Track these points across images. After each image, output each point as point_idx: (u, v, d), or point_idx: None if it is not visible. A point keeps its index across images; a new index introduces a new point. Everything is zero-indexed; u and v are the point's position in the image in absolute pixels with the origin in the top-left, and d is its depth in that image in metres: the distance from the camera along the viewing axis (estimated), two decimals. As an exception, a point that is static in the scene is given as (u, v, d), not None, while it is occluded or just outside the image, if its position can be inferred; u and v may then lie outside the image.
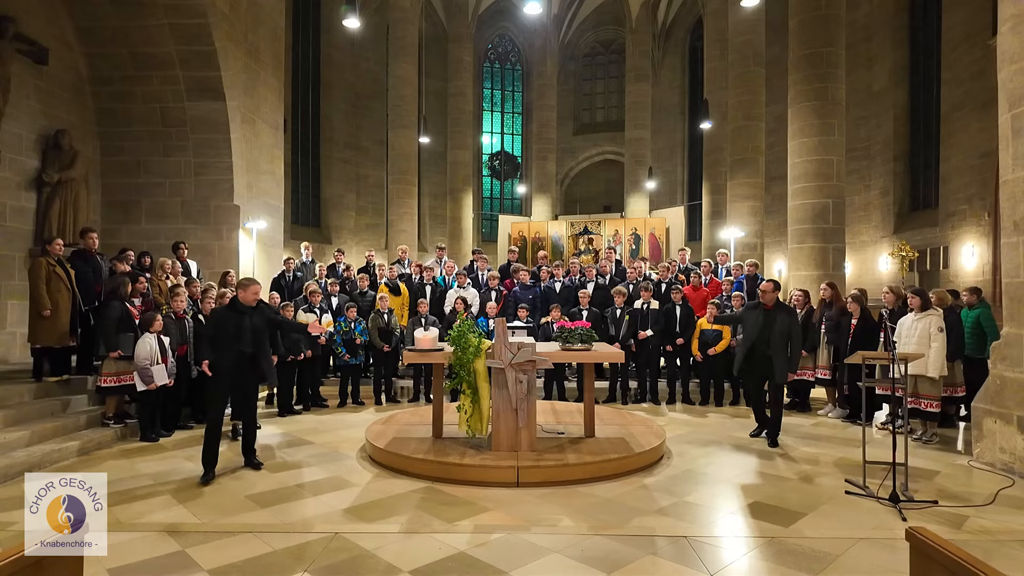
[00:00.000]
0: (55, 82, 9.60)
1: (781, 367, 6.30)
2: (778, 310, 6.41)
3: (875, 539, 3.97)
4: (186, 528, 4.14)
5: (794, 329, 6.42)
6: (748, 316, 6.57)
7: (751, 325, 6.46)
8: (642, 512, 4.46)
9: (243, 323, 5.37)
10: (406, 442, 5.83)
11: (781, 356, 6.30)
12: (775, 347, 6.28)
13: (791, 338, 6.36)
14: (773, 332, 6.30)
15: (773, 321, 6.32)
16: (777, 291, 6.51)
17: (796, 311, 6.65)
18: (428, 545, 3.85)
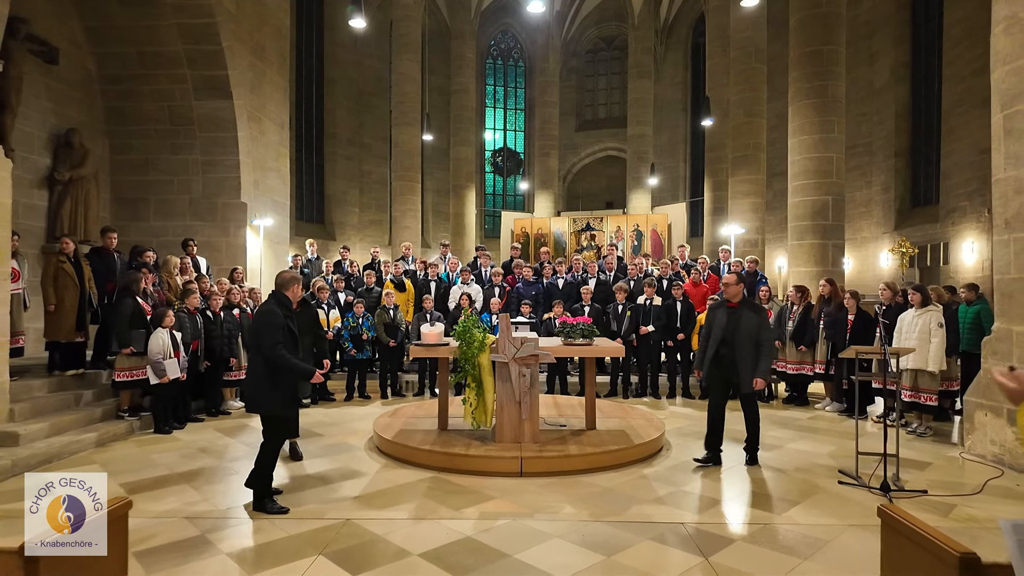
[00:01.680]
0: (65, 81, 9.76)
1: (747, 374, 5.42)
2: (744, 308, 5.57)
3: (864, 526, 4.12)
4: (204, 515, 4.32)
5: (763, 330, 5.52)
6: (713, 315, 5.78)
7: (716, 325, 5.64)
8: (641, 500, 4.63)
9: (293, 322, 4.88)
10: (412, 434, 6.00)
11: (747, 361, 5.42)
12: (740, 350, 5.43)
13: (760, 340, 5.46)
14: (739, 333, 5.46)
15: (738, 320, 5.49)
16: (742, 285, 5.75)
17: (765, 309, 5.80)
18: (436, 530, 4.02)
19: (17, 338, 6.88)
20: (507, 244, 17.69)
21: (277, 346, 4.43)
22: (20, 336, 6.96)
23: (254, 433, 6.86)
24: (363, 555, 3.66)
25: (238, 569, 3.49)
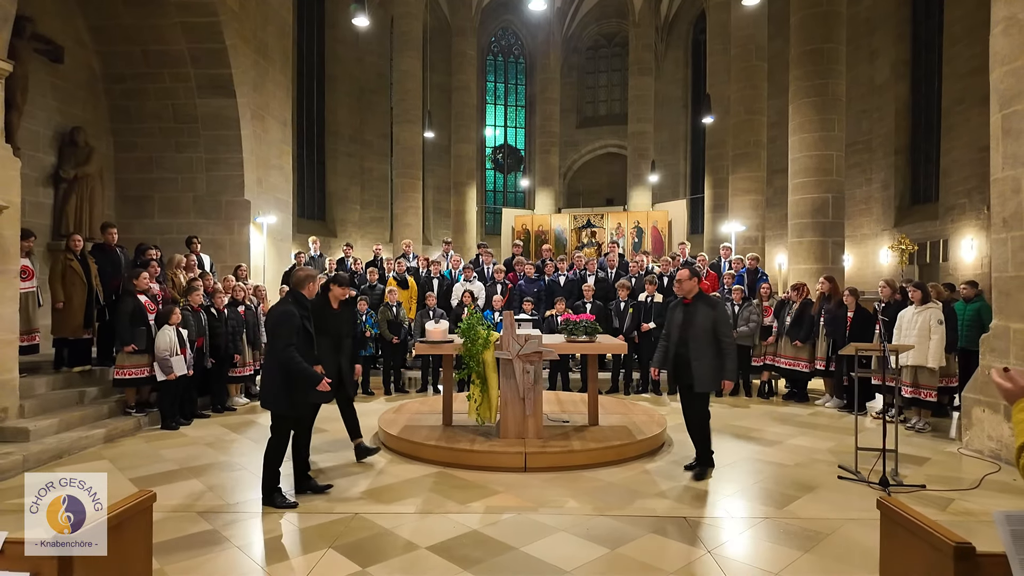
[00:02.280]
0: (70, 80, 9.81)
1: (702, 373, 5.09)
2: (699, 304, 5.25)
3: (863, 519, 4.19)
4: (215, 509, 4.39)
5: (721, 325, 5.18)
6: (671, 314, 5.44)
7: (673, 324, 5.36)
8: (644, 495, 4.70)
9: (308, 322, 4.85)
10: (418, 429, 6.07)
11: (703, 359, 5.11)
12: (695, 349, 5.12)
13: (719, 337, 5.15)
14: (693, 330, 5.17)
15: (693, 317, 5.20)
16: (695, 280, 5.35)
17: (722, 304, 5.48)
18: (443, 524, 4.10)
19: (32, 335, 6.94)
20: (508, 241, 17.76)
21: (289, 348, 4.43)
22: (35, 333, 7.00)
23: (260, 429, 6.94)
24: (372, 548, 3.74)
25: (250, 562, 3.57)
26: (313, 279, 4.83)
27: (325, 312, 5.27)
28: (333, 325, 5.31)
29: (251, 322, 8.39)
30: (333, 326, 5.31)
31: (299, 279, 4.78)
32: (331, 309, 5.35)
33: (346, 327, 5.58)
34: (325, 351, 5.13)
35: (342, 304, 5.45)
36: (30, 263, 6.89)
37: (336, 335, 5.36)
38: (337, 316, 5.38)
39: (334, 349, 5.31)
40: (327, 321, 5.22)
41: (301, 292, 4.73)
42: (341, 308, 5.45)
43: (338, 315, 5.40)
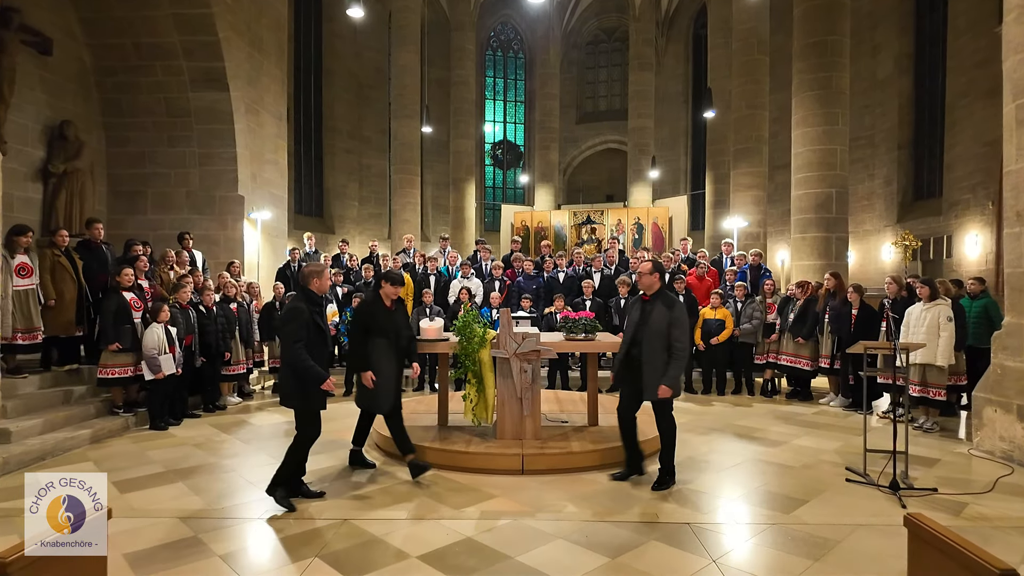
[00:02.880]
0: (60, 73, 9.61)
1: (652, 379, 4.63)
2: (657, 301, 4.76)
3: (874, 525, 4.03)
4: (198, 515, 4.22)
5: (675, 327, 4.65)
6: (629, 311, 5.03)
7: (629, 322, 4.93)
8: (645, 499, 4.53)
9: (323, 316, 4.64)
10: (412, 430, 5.86)
11: (655, 363, 4.64)
12: (648, 351, 4.67)
13: (671, 340, 4.65)
14: (648, 330, 4.70)
15: (649, 316, 4.73)
16: (657, 275, 4.87)
17: (680, 304, 4.86)
18: (436, 531, 3.93)
19: (34, 334, 6.74)
20: (507, 237, 17.58)
21: (296, 344, 4.32)
22: (37, 332, 6.80)
23: (251, 429, 6.79)
24: (361, 557, 3.57)
25: (231, 572, 3.39)
26: (320, 274, 4.62)
27: (377, 312, 5.05)
28: (388, 325, 5.02)
29: (244, 319, 8.22)
30: (388, 326, 5.02)
31: (306, 274, 4.63)
32: (384, 309, 5.08)
33: (404, 327, 5.22)
34: (382, 353, 4.92)
35: (396, 303, 5.19)
36: (28, 259, 6.70)
37: (392, 336, 5.05)
38: (391, 315, 5.09)
39: (392, 351, 5.02)
40: (381, 321, 4.99)
41: (309, 288, 4.56)
42: (395, 307, 5.17)
43: (392, 314, 5.10)
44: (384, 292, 5.09)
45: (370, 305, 5.15)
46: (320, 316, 4.52)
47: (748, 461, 5.54)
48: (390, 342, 4.99)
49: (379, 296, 5.10)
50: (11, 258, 6.47)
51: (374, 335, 4.95)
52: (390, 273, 5.18)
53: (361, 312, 5.18)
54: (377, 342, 4.92)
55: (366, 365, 4.92)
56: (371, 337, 4.96)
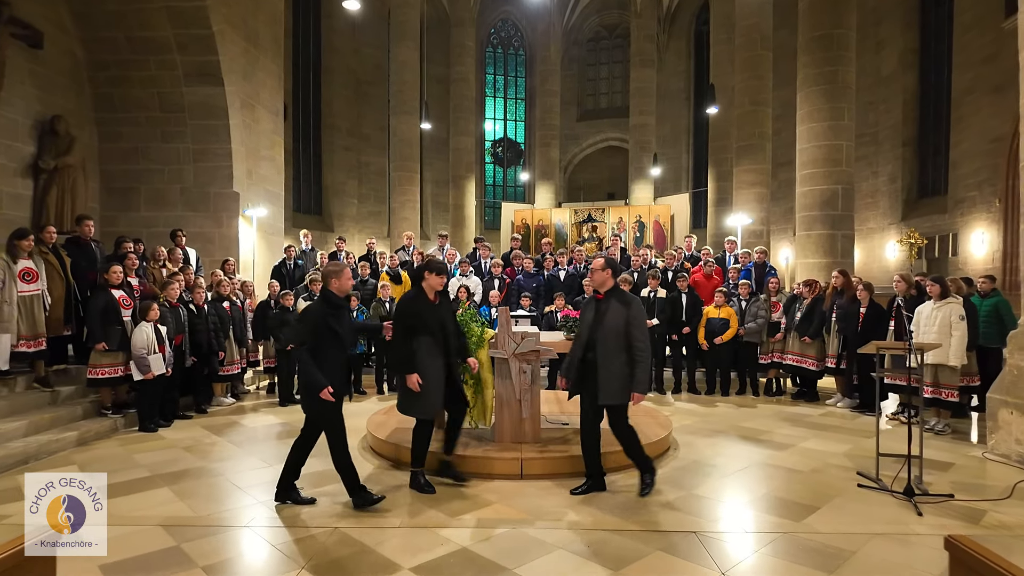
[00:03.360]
0: (51, 67, 9.42)
1: (608, 381, 4.34)
2: (612, 299, 4.48)
3: (890, 535, 3.84)
4: (182, 522, 4.04)
5: (634, 327, 4.37)
6: (582, 312, 4.73)
7: (584, 324, 4.62)
8: (649, 505, 4.35)
9: (342, 319, 4.36)
10: (408, 432, 5.70)
11: (610, 366, 4.34)
12: (603, 352, 4.37)
13: (631, 341, 4.37)
14: (602, 331, 4.41)
15: (604, 315, 4.44)
16: (609, 271, 4.55)
17: (638, 302, 4.55)
18: (430, 540, 3.74)
19: (39, 340, 6.56)
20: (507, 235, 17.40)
21: (302, 348, 4.19)
22: (41, 338, 6.60)
23: (244, 431, 6.61)
24: (351, 568, 3.38)
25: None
26: (338, 274, 4.34)
27: (420, 306, 4.61)
28: (432, 321, 4.56)
29: (237, 318, 8.04)
30: (432, 322, 4.56)
31: (324, 274, 4.44)
32: (427, 302, 4.62)
33: (450, 322, 4.76)
34: (426, 353, 4.52)
35: (441, 295, 4.71)
36: (33, 264, 6.52)
37: (438, 333, 4.58)
38: (436, 310, 4.63)
39: (437, 349, 4.57)
40: (424, 317, 4.55)
41: (329, 289, 4.34)
42: (440, 300, 4.69)
43: (436, 308, 4.64)
44: (427, 284, 4.64)
45: (412, 301, 4.68)
46: (336, 319, 4.24)
47: (755, 465, 5.35)
48: (435, 340, 4.54)
49: (421, 290, 4.67)
50: (14, 263, 6.30)
51: (418, 333, 4.52)
52: (432, 263, 4.70)
53: (402, 309, 4.69)
54: (421, 340, 4.50)
55: (411, 366, 4.50)
56: (415, 335, 4.53)
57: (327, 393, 4.11)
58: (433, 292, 4.66)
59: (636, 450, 4.60)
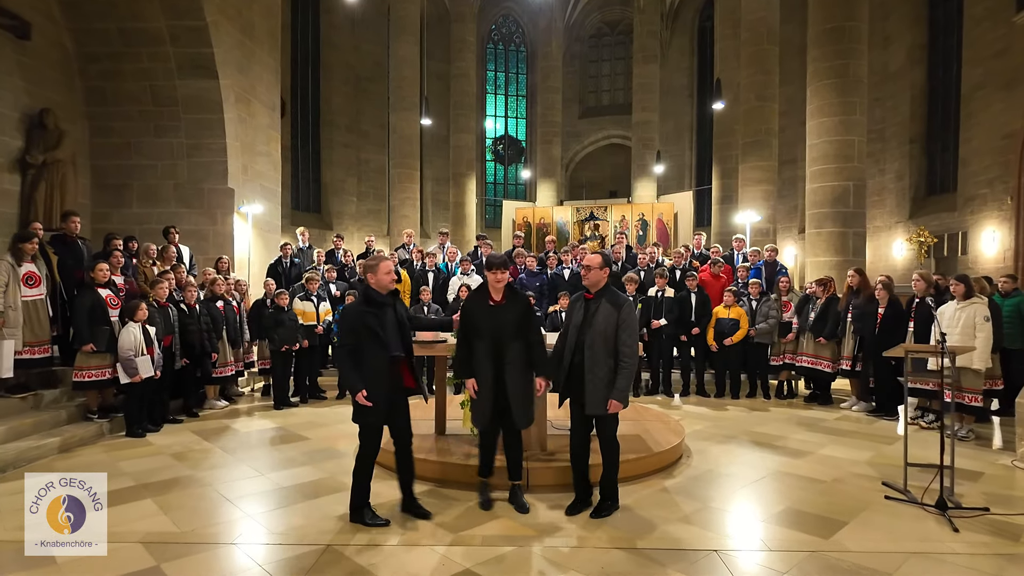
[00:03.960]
0: (40, 59, 9.14)
1: (595, 390, 3.98)
2: (603, 300, 4.06)
3: (928, 554, 3.56)
4: (165, 538, 3.75)
5: (624, 331, 3.99)
6: (570, 311, 4.28)
7: (572, 325, 4.17)
8: (665, 520, 4.06)
9: (385, 318, 4.00)
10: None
11: (598, 372, 3.97)
12: (591, 357, 3.99)
13: (618, 346, 3.99)
14: (591, 334, 4.02)
15: (593, 317, 4.04)
16: (607, 270, 4.21)
17: (630, 304, 4.13)
18: (430, 560, 3.46)
19: (44, 347, 6.31)
20: (509, 234, 17.11)
21: (341, 348, 3.98)
22: (46, 345, 6.33)
23: (236, 437, 6.34)
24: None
25: (193, 613, 2.93)
26: (374, 268, 4.00)
27: (472, 305, 4.24)
28: (483, 323, 4.13)
29: (231, 318, 7.75)
30: (483, 325, 4.13)
31: (363, 269, 4.17)
32: (482, 302, 4.19)
33: (511, 326, 4.12)
34: (481, 359, 4.12)
35: (507, 294, 4.21)
36: (36, 268, 6.26)
37: (494, 338, 4.11)
38: (495, 312, 4.14)
39: (491, 357, 4.10)
40: (473, 318, 4.17)
41: (368, 285, 4.06)
42: (506, 301, 4.19)
43: (496, 311, 4.15)
44: (490, 283, 4.19)
45: (468, 299, 4.35)
46: (377, 318, 3.92)
47: (773, 475, 5.07)
48: (485, 344, 4.11)
49: (483, 289, 4.27)
50: (18, 267, 6.04)
51: (469, 335, 4.17)
52: (488, 258, 4.25)
53: (461, 307, 4.36)
54: (474, 344, 4.15)
55: (468, 371, 4.18)
56: (468, 338, 4.19)
57: (361, 397, 3.87)
58: (497, 291, 4.19)
59: (613, 471, 4.19)
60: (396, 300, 4.13)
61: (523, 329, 4.17)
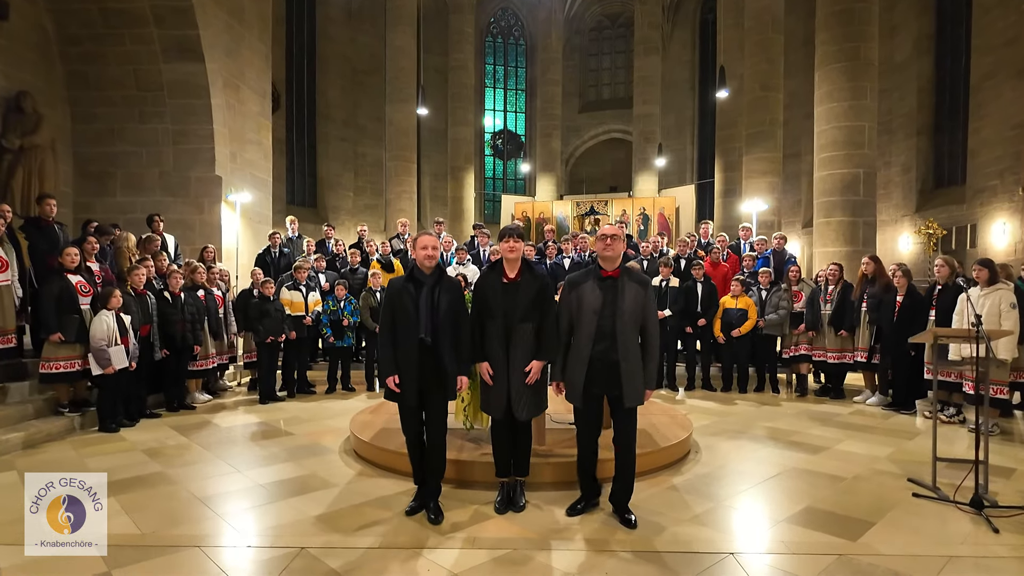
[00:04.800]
0: (17, 40, 8.79)
1: (632, 379, 3.57)
2: (629, 280, 3.66)
3: (968, 558, 3.20)
4: (122, 541, 3.38)
5: (652, 313, 3.69)
6: (578, 294, 3.70)
7: (587, 308, 3.64)
8: (676, 521, 3.70)
9: (420, 298, 3.67)
10: (395, 434, 5.04)
11: (633, 360, 3.59)
12: (625, 344, 3.57)
13: (646, 330, 3.69)
14: (622, 319, 3.59)
15: (622, 298, 3.61)
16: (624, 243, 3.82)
17: (650, 283, 3.85)
18: (413, 565, 3.10)
19: (8, 337, 5.95)
20: (507, 227, 16.72)
21: (381, 328, 3.83)
22: (10, 335, 5.97)
23: (216, 432, 5.97)
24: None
25: (140, 627, 2.57)
26: (414, 243, 3.75)
27: (484, 283, 3.87)
28: (502, 304, 3.74)
29: (213, 309, 7.38)
30: (502, 305, 3.74)
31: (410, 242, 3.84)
32: (495, 280, 3.81)
33: (524, 306, 3.72)
34: (493, 342, 3.76)
35: (524, 271, 3.80)
36: (3, 252, 5.89)
37: (507, 319, 3.73)
38: (508, 291, 3.76)
39: (504, 339, 3.73)
40: (492, 297, 3.78)
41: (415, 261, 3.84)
42: (521, 279, 3.77)
43: (510, 288, 3.76)
44: (504, 256, 3.80)
45: (482, 278, 3.96)
46: (411, 296, 3.66)
47: (790, 471, 4.70)
48: (495, 326, 3.75)
49: (498, 265, 3.87)
50: None
51: (482, 315, 3.82)
52: (506, 227, 3.83)
53: (475, 288, 3.97)
54: (488, 326, 3.79)
55: (480, 354, 3.81)
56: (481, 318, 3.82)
57: (392, 382, 3.68)
58: (512, 267, 3.78)
59: (633, 464, 3.72)
60: (441, 281, 3.74)
61: (536, 310, 3.75)
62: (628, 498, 3.73)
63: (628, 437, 3.68)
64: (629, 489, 3.73)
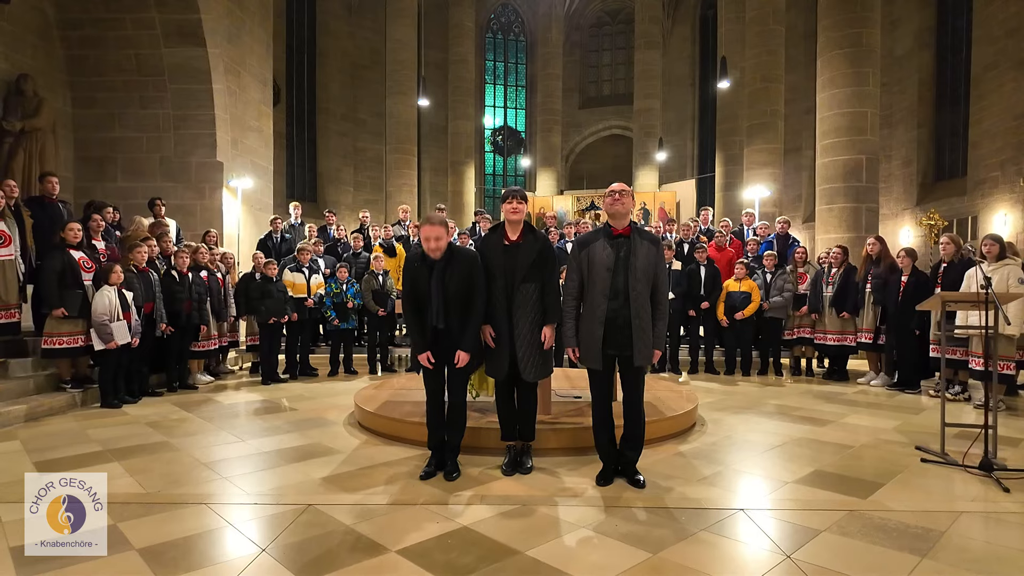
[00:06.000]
0: (18, 23, 8.76)
1: (643, 337, 3.49)
2: (637, 237, 3.59)
3: (979, 513, 3.18)
4: (126, 499, 3.36)
5: (660, 272, 3.63)
6: (588, 254, 3.62)
7: (598, 266, 3.55)
8: (684, 483, 3.67)
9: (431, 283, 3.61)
10: (400, 405, 5.05)
11: (645, 318, 3.51)
12: (637, 300, 3.50)
13: (657, 285, 3.61)
14: (634, 276, 3.50)
15: (634, 257, 3.52)
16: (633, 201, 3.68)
17: (661, 241, 3.81)
18: (422, 519, 3.07)
19: (11, 311, 5.93)
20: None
21: (404, 307, 3.80)
22: (14, 309, 5.97)
23: (218, 408, 5.95)
24: (320, 550, 2.70)
25: (146, 570, 2.53)
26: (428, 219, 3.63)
27: (485, 245, 3.82)
28: (503, 265, 3.70)
29: (215, 289, 7.36)
30: (503, 267, 3.70)
31: None
32: (497, 241, 3.76)
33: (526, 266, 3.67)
34: (496, 304, 3.71)
35: (525, 233, 3.74)
36: (5, 226, 5.86)
37: (508, 281, 3.69)
38: (509, 252, 3.71)
39: (503, 300, 3.69)
40: (493, 259, 3.74)
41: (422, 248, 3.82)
42: (523, 240, 3.72)
43: (511, 250, 3.71)
44: (506, 218, 3.72)
45: (484, 241, 3.89)
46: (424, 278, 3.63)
47: (796, 441, 4.67)
48: (497, 288, 3.70)
49: (499, 227, 3.82)
50: None
51: (491, 279, 3.74)
52: (511, 190, 3.78)
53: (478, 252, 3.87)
54: (490, 288, 3.72)
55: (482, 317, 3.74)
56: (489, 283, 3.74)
57: (425, 359, 3.69)
58: (514, 229, 3.72)
59: (642, 422, 3.68)
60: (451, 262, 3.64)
61: (538, 270, 3.70)
62: (636, 459, 3.69)
63: (637, 396, 3.64)
64: (638, 450, 3.69)
